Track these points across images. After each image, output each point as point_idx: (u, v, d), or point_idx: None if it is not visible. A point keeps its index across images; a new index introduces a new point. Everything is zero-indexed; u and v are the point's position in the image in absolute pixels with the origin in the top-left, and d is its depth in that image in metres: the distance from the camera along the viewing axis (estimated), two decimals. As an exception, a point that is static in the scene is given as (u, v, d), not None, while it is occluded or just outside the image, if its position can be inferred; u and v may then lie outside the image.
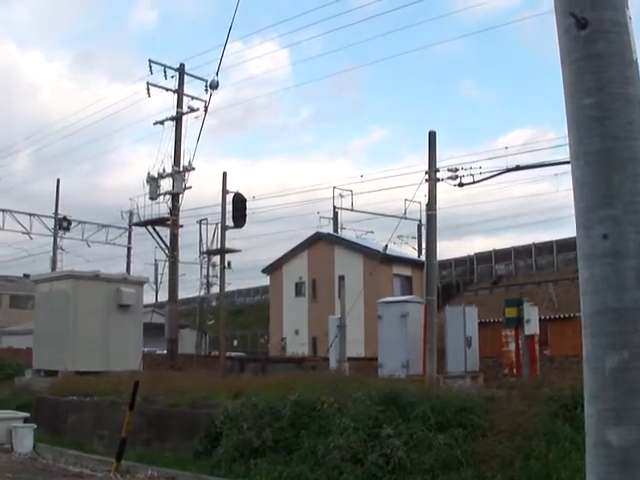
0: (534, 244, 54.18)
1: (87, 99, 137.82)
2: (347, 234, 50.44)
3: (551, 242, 52.76)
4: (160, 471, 14.07)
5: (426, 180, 23.89)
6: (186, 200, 34.84)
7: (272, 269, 51.54)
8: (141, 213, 36.63)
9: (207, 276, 49.36)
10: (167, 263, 35.71)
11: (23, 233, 46.50)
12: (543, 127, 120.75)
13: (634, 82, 3.70)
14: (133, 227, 47.34)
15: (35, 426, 17.97)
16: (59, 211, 49.32)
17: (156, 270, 52.32)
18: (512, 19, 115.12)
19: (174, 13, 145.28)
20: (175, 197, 33.79)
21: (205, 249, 43.16)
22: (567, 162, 4.23)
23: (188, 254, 54.25)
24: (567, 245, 46.22)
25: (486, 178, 24.29)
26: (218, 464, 13.64)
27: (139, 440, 15.51)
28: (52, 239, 49.38)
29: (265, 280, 56.77)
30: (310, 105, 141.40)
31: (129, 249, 53.30)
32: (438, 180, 24.04)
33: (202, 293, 50.90)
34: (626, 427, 3.45)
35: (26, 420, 18.47)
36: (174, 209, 33.89)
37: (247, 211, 35.49)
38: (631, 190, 3.56)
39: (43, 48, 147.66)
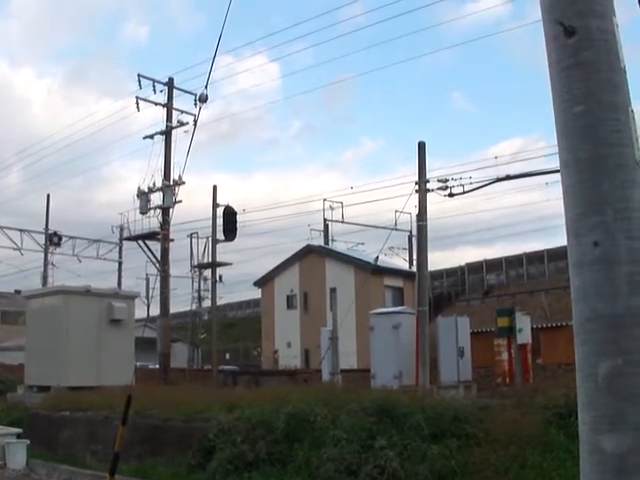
0: (525, 254, 54.34)
1: (78, 114, 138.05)
2: (338, 246, 50.41)
3: (542, 251, 52.94)
4: (154, 485, 14.03)
5: (416, 191, 23.91)
6: (177, 214, 34.98)
7: (263, 282, 51.52)
8: (132, 228, 36.66)
9: (199, 290, 49.25)
10: (158, 277, 35.63)
11: (14, 249, 46.36)
12: (533, 136, 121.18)
13: (622, 89, 3.71)
14: (124, 242, 47.25)
15: (28, 442, 17.89)
16: (50, 226, 49.26)
17: (147, 284, 52.35)
18: (499, 30, 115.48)
19: (165, 28, 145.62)
20: (165, 211, 33.71)
21: (196, 263, 43.15)
22: (557, 171, 4.24)
23: (179, 268, 54.31)
24: (558, 254, 46.37)
25: (476, 188, 24.34)
26: (212, 478, 13.59)
27: (132, 455, 15.44)
28: (43, 255, 49.29)
29: (257, 293, 56.75)
30: (301, 117, 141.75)
31: (120, 264, 53.17)
32: (428, 191, 24.06)
33: (194, 307, 50.80)
34: (620, 433, 3.45)
35: (19, 436, 18.40)
36: (165, 223, 33.82)
37: (238, 224, 35.55)
38: (621, 197, 3.57)
39: (34, 64, 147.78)
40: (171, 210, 33.62)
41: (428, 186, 24.09)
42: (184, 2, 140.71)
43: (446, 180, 24.56)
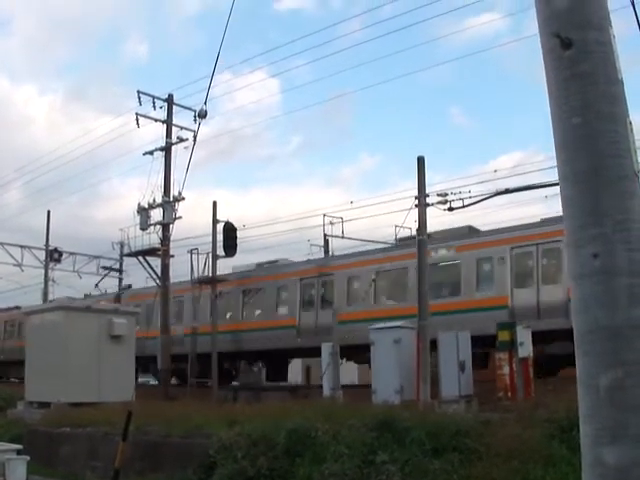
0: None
1: (78, 131, 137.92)
2: (338, 261, 50.21)
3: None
4: (154, 502, 13.98)
5: (415, 205, 23.87)
6: (177, 230, 34.86)
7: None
8: (132, 244, 36.57)
9: (198, 305, 49.08)
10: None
11: (14, 265, 46.45)
12: (532, 150, 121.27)
13: (620, 100, 3.71)
14: (124, 258, 47.25)
15: (28, 458, 17.80)
16: (50, 243, 49.31)
17: (148, 300, 52.11)
18: (496, 44, 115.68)
19: (164, 44, 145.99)
20: (165, 227, 33.72)
21: (197, 279, 43.06)
22: (556, 184, 4.23)
23: (180, 284, 53.76)
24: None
25: (476, 202, 24.29)
26: (213, 494, 13.56)
27: (133, 471, 15.40)
28: (43, 271, 49.32)
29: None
30: (299, 133, 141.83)
31: (120, 280, 53.15)
32: (428, 205, 24.04)
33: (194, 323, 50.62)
34: (622, 446, 3.42)
35: (19, 452, 18.31)
36: (165, 239, 33.82)
37: (238, 240, 35.48)
38: (621, 208, 3.57)
39: (35, 81, 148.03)
40: (171, 226, 33.66)
41: (428, 200, 24.07)
42: (184, 19, 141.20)
43: (445, 194, 24.54)
